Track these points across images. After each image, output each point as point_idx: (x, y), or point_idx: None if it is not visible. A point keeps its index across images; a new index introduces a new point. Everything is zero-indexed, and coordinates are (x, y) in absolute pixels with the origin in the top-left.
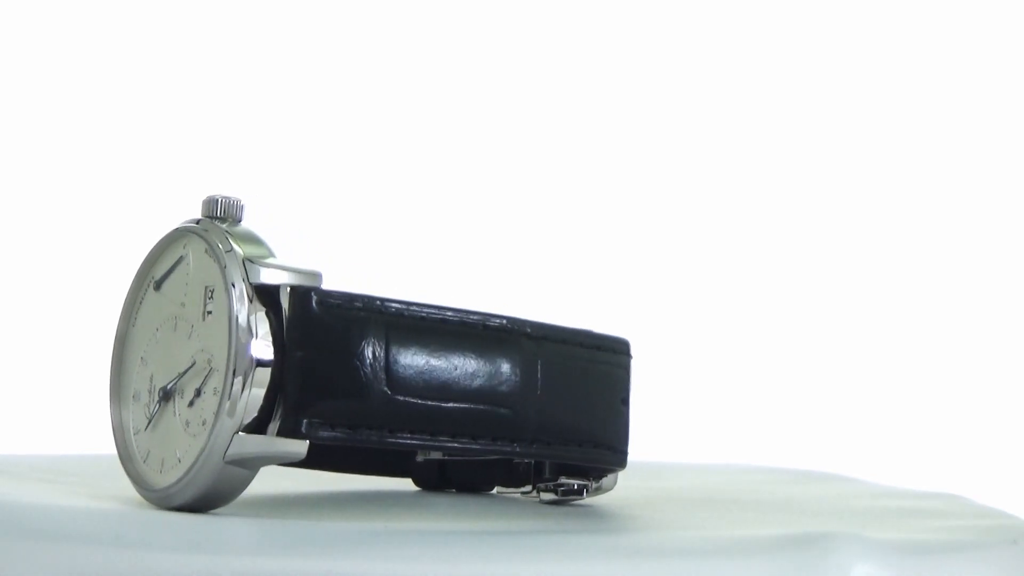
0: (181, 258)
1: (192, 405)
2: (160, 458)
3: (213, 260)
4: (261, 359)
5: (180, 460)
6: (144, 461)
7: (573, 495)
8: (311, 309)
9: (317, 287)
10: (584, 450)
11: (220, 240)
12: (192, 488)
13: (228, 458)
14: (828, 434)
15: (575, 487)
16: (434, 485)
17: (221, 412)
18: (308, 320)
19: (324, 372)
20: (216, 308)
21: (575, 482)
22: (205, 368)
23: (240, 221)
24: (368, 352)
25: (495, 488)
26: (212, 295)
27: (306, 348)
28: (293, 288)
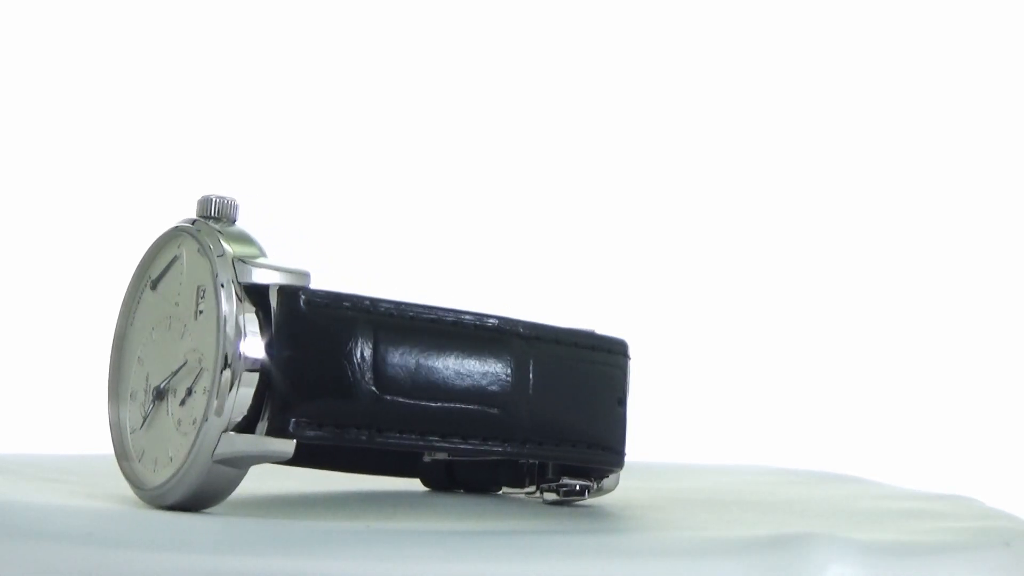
0: (176, 258)
1: (184, 404)
2: (154, 457)
3: (205, 260)
4: (249, 359)
5: (172, 459)
6: (139, 460)
7: (575, 495)
8: (299, 309)
9: (305, 287)
10: (579, 450)
11: (211, 240)
12: (182, 487)
13: (217, 457)
14: (854, 437)
15: (577, 488)
16: (442, 485)
17: (209, 411)
18: (296, 320)
19: (312, 372)
20: (207, 308)
21: (577, 483)
22: (196, 367)
23: (235, 221)
24: (356, 352)
25: (501, 489)
26: (204, 295)
27: (294, 348)
28: (281, 288)
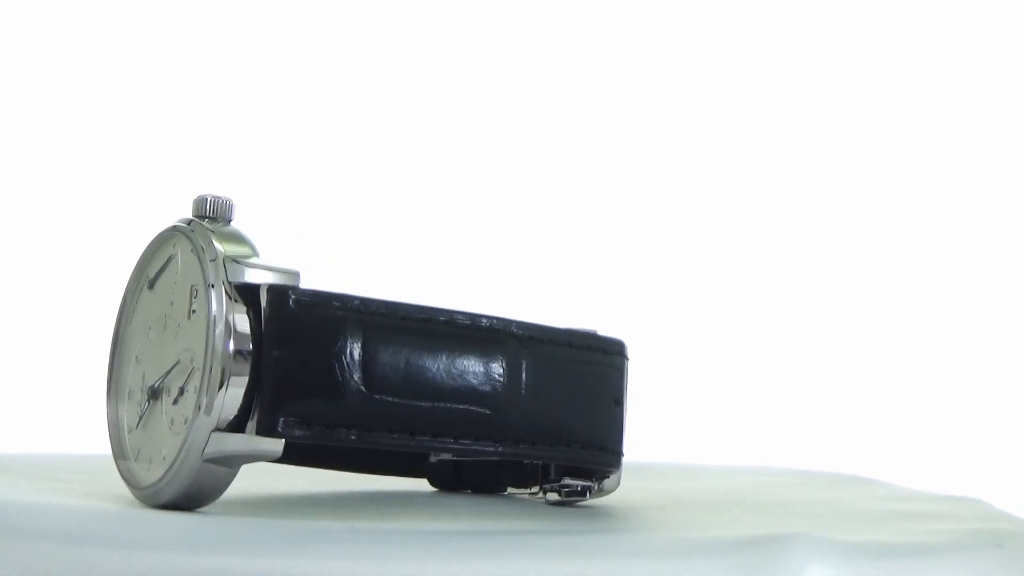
0: (171, 257)
1: (176, 403)
2: (149, 456)
3: (197, 260)
4: (238, 358)
5: (165, 458)
6: (135, 459)
7: (576, 496)
8: (288, 308)
9: (295, 286)
10: (574, 450)
11: (203, 240)
12: (173, 486)
13: (207, 456)
14: (875, 439)
15: (578, 488)
16: (449, 486)
17: (199, 410)
18: (285, 319)
19: (300, 371)
20: (199, 307)
21: (578, 483)
22: (188, 367)
23: (230, 220)
24: (345, 351)
25: (507, 489)
26: (196, 295)
27: (283, 347)
28: (271, 287)
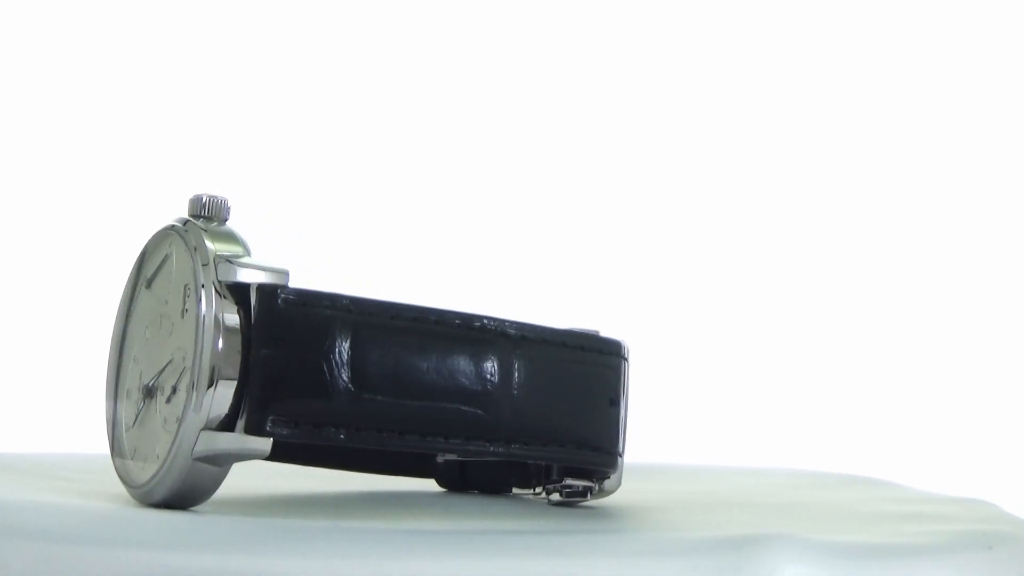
0: (167, 257)
1: (169, 402)
2: (144, 454)
3: (189, 259)
4: (227, 357)
5: (158, 456)
6: (132, 458)
7: (577, 496)
8: (277, 307)
9: (284, 285)
10: (568, 450)
11: (196, 239)
12: (165, 484)
13: (196, 455)
14: (898, 442)
15: (579, 489)
16: (456, 486)
17: (188, 409)
18: (273, 318)
19: (288, 370)
20: (191, 306)
21: (579, 484)
22: (180, 365)
23: (226, 220)
24: (334, 350)
25: (512, 489)
26: (189, 294)
27: (271, 346)
28: (260, 287)
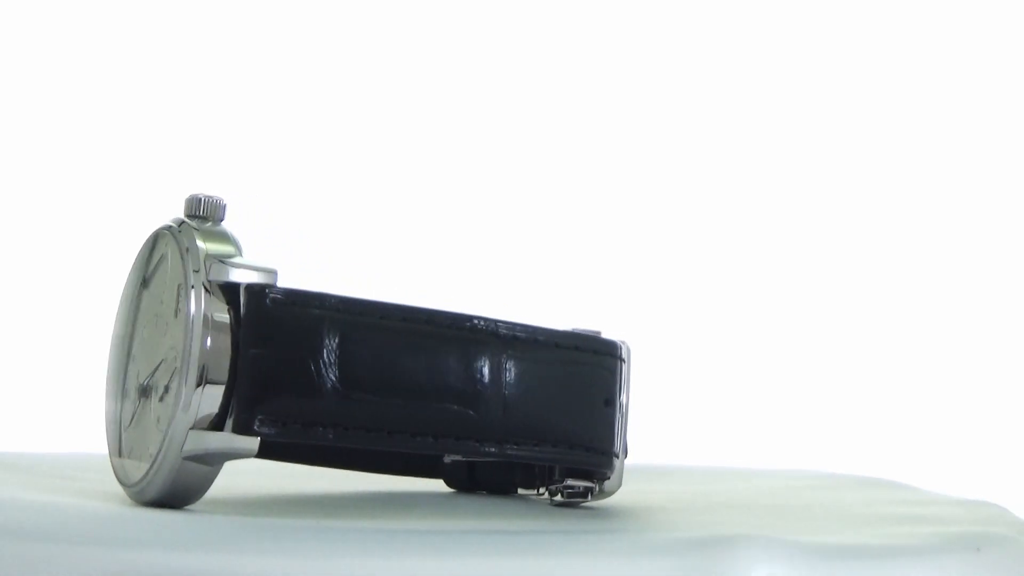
0: (163, 256)
1: (162, 401)
2: (139, 453)
3: (181, 259)
4: (216, 357)
5: (151, 455)
6: (129, 456)
7: (578, 497)
8: (265, 307)
9: (272, 284)
10: (560, 451)
11: (188, 240)
12: (156, 483)
13: (186, 454)
14: (921, 445)
15: (580, 489)
16: (465, 487)
17: (176, 409)
18: (261, 317)
19: (276, 369)
20: (182, 306)
21: (580, 484)
22: (173, 365)
23: (221, 220)
24: (322, 350)
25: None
26: (182, 293)
27: (259, 345)
28: (248, 286)
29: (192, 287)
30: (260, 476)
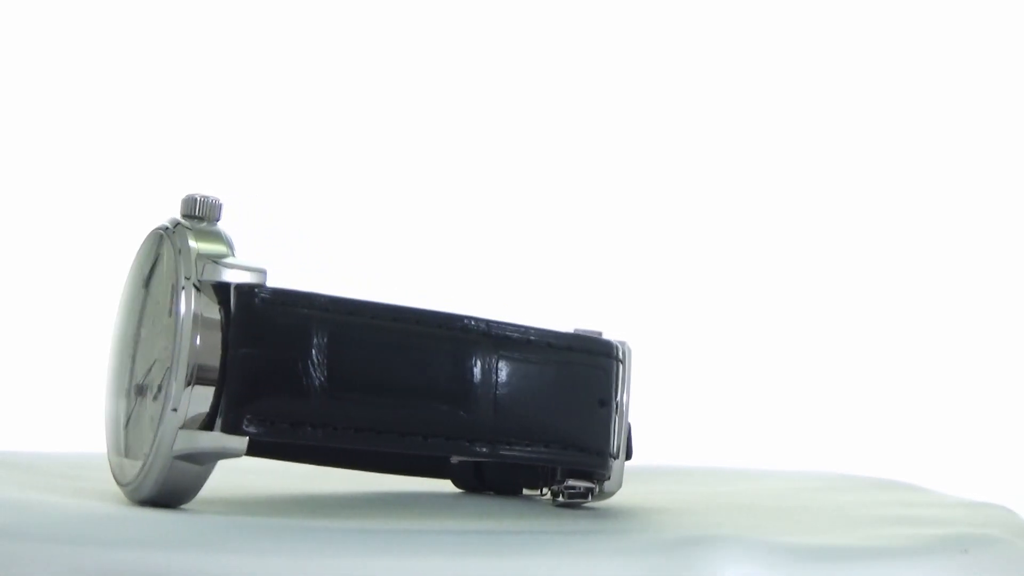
0: (159, 257)
1: (156, 399)
2: (135, 452)
3: (175, 259)
4: (206, 356)
5: (144, 454)
6: (126, 455)
7: (579, 498)
8: (254, 306)
9: (261, 284)
10: (553, 451)
11: (181, 240)
12: (148, 483)
13: (176, 453)
14: (946, 448)
15: (581, 490)
16: (472, 487)
17: (166, 408)
18: (250, 317)
19: (265, 369)
20: (174, 306)
21: (581, 485)
22: (165, 364)
23: (218, 220)
24: (311, 350)
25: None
26: (175, 293)
27: (248, 345)
28: (237, 286)
29: (183, 287)
30: (265, 476)
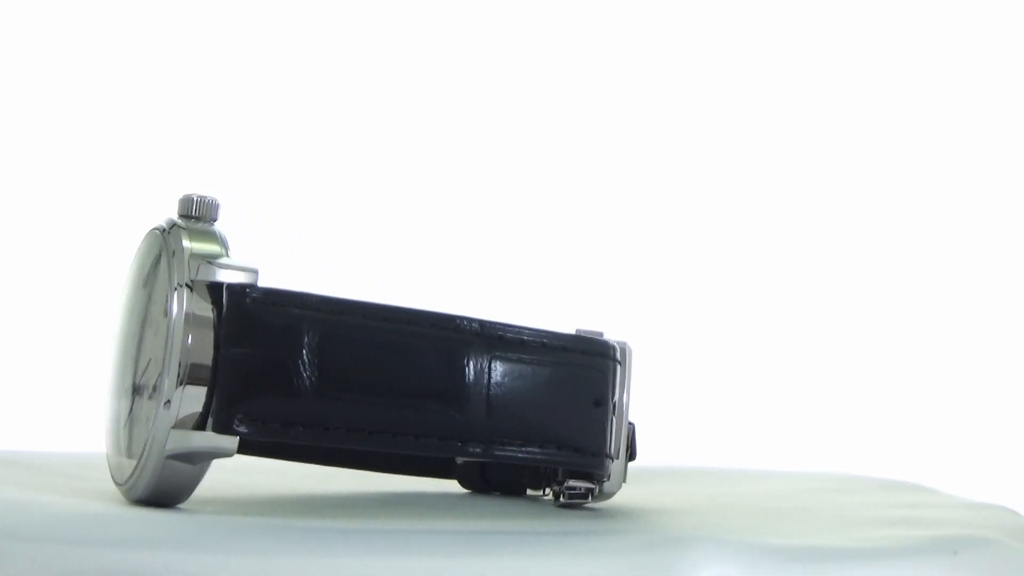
0: (157, 257)
1: (151, 399)
2: (132, 451)
3: (170, 259)
4: (198, 356)
5: (139, 453)
6: (125, 454)
7: (579, 498)
8: (245, 306)
9: (252, 284)
10: (547, 451)
11: (176, 240)
12: (142, 482)
13: (168, 452)
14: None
15: (581, 490)
16: (479, 487)
17: (158, 408)
18: (241, 317)
19: (256, 369)
20: (168, 306)
21: (581, 485)
22: (159, 364)
23: (215, 220)
24: (301, 349)
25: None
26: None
27: (239, 345)
28: (229, 286)
29: (176, 287)
30: (265, 476)
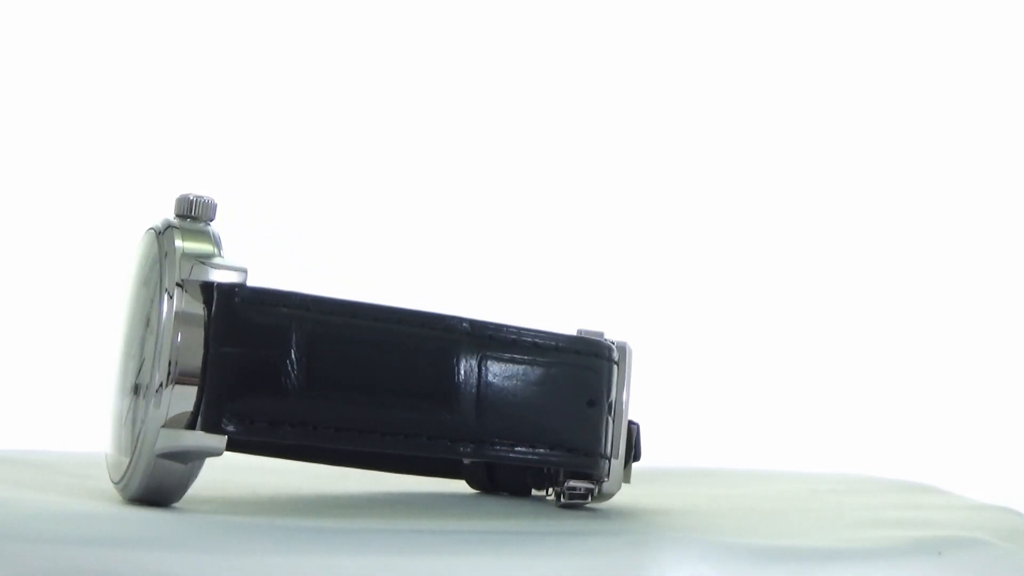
0: (155, 257)
1: (144, 398)
2: (129, 450)
3: (163, 259)
4: (187, 356)
5: (131, 452)
6: (123, 453)
7: (579, 499)
8: (233, 306)
9: (241, 283)
10: (537, 451)
11: (169, 240)
12: (134, 481)
13: (159, 452)
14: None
15: (581, 491)
16: (486, 488)
17: (149, 407)
18: (230, 316)
19: (244, 368)
20: (159, 305)
21: (581, 486)
22: (151, 363)
23: (212, 220)
24: (289, 349)
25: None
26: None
27: (228, 344)
28: (218, 285)
29: (167, 287)
30: (266, 476)
